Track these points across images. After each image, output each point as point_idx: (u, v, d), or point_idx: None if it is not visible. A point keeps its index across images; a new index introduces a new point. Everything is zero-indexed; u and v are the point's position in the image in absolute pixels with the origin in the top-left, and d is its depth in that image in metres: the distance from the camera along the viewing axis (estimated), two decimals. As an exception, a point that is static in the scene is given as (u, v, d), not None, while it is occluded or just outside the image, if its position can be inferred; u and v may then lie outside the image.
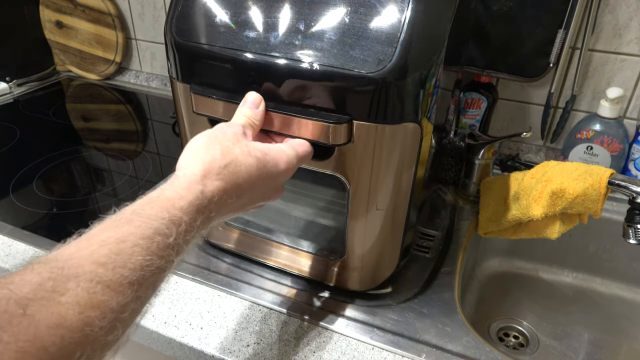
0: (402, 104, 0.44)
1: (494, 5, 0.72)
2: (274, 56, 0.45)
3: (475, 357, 0.52)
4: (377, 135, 0.45)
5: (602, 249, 0.80)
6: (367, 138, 0.45)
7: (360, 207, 0.51)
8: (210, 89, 0.49)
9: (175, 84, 0.53)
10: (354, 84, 0.43)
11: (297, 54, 0.44)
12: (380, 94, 0.43)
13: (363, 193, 0.49)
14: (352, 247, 0.55)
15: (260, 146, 0.42)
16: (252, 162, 0.40)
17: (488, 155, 0.75)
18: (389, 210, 0.51)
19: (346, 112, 0.45)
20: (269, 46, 0.45)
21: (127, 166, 0.88)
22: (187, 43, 0.48)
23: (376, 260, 0.56)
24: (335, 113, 0.45)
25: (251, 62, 0.46)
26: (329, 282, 0.59)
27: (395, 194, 0.51)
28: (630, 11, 0.75)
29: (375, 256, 0.55)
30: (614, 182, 0.59)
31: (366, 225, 0.52)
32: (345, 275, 0.58)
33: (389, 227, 0.53)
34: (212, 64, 0.48)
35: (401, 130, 0.45)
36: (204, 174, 0.38)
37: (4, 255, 0.65)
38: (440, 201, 0.79)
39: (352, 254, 0.55)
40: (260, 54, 0.45)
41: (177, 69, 0.51)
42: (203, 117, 0.52)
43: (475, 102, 0.84)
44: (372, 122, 0.44)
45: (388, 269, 0.58)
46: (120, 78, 1.26)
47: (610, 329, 0.78)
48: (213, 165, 0.38)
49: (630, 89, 0.80)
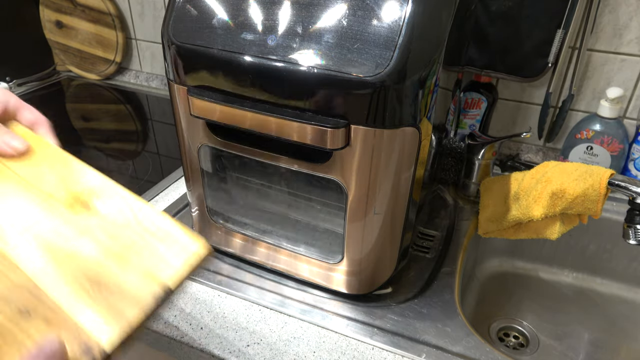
0: (401, 107, 0.44)
1: (492, 5, 0.72)
2: (271, 59, 0.45)
3: (475, 357, 0.52)
4: (375, 140, 0.45)
5: (602, 249, 0.80)
6: (365, 142, 0.45)
7: (358, 211, 0.51)
8: (208, 91, 0.49)
9: (173, 86, 0.53)
10: (352, 88, 0.43)
11: (295, 57, 0.44)
12: (378, 98, 0.42)
13: (361, 197, 0.49)
14: (350, 251, 0.55)
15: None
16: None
17: (488, 155, 0.75)
18: (387, 214, 0.51)
19: (344, 116, 0.44)
20: (266, 49, 0.45)
21: (127, 166, 0.88)
22: (184, 45, 0.48)
23: (374, 264, 0.56)
24: (332, 117, 0.45)
25: (249, 65, 0.46)
26: (327, 286, 0.59)
27: (394, 198, 0.51)
28: (630, 11, 0.75)
29: (374, 260, 0.55)
30: (614, 182, 0.59)
31: (364, 230, 0.52)
32: (343, 279, 0.58)
33: (387, 231, 0.53)
34: (209, 66, 0.48)
35: (399, 134, 0.45)
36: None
37: (4, 255, 0.65)
38: (440, 201, 0.79)
39: (350, 257, 0.55)
40: (257, 56, 0.45)
41: (175, 71, 0.51)
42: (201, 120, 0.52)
43: (475, 102, 0.84)
44: (370, 127, 0.44)
45: (386, 272, 0.58)
46: (120, 78, 1.26)
47: (610, 329, 0.78)
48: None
49: (630, 89, 0.80)
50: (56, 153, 0.48)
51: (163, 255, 0.40)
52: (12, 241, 0.41)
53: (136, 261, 0.40)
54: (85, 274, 0.39)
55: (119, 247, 0.41)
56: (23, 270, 0.39)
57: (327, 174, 0.49)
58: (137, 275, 0.39)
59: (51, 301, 0.37)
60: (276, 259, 0.61)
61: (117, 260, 0.40)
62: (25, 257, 0.40)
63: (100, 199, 0.45)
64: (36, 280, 0.39)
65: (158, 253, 0.40)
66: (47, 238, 0.41)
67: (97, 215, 0.44)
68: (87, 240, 0.42)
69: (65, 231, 0.42)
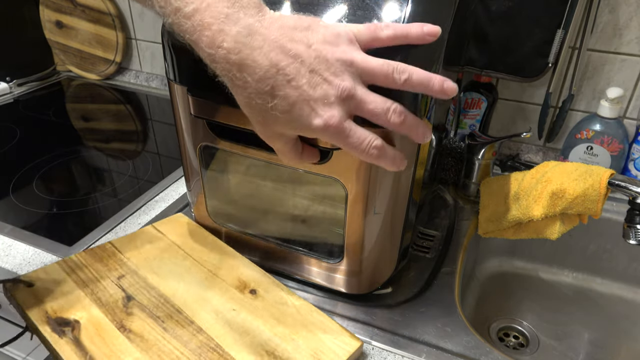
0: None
1: (492, 5, 0.72)
2: None
3: (475, 357, 0.52)
4: None
5: (602, 249, 0.80)
6: None
7: (358, 211, 0.51)
8: (209, 91, 0.49)
9: (173, 86, 0.52)
10: None
11: None
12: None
13: (361, 196, 0.49)
14: (351, 251, 0.55)
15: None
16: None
17: (488, 155, 0.75)
18: (387, 214, 0.51)
19: None
20: None
21: (127, 166, 0.88)
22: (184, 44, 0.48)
23: (374, 264, 0.56)
24: None
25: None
26: (328, 286, 0.59)
27: (394, 198, 0.51)
28: (630, 11, 0.75)
29: (374, 259, 0.55)
30: (614, 182, 0.59)
31: (364, 229, 0.52)
32: (343, 279, 0.58)
33: (388, 231, 0.54)
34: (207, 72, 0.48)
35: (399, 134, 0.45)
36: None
37: (4, 255, 0.65)
38: (440, 201, 0.79)
39: (351, 257, 0.55)
40: None
41: (175, 70, 0.51)
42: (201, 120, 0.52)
43: (475, 102, 0.84)
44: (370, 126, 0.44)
45: (387, 271, 0.58)
46: (120, 78, 1.26)
47: (610, 329, 0.78)
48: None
49: (630, 89, 0.80)
50: (223, 246, 0.62)
51: (326, 343, 0.49)
52: (197, 312, 0.52)
53: (303, 344, 0.49)
54: (262, 346, 0.49)
55: (286, 329, 0.50)
56: (207, 333, 0.50)
57: (327, 174, 0.49)
58: (305, 355, 0.48)
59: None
60: (276, 259, 0.61)
61: (287, 340, 0.49)
62: (209, 325, 0.51)
63: (262, 287, 0.56)
64: (220, 342, 0.49)
65: (322, 341, 0.49)
66: (224, 313, 0.52)
67: (263, 301, 0.54)
68: (258, 319, 0.51)
69: (239, 309, 0.53)
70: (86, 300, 0.52)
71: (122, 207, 0.74)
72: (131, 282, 0.55)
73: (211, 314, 0.52)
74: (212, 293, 0.54)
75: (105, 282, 0.55)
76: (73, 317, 0.50)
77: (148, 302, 0.52)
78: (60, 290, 0.53)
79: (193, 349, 0.48)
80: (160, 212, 0.73)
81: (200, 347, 0.48)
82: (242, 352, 0.48)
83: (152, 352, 0.47)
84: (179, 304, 0.52)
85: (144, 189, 0.79)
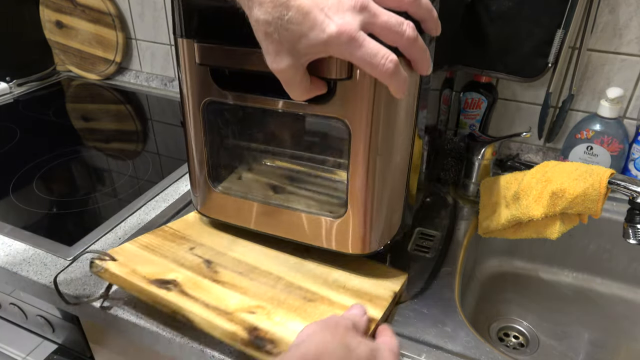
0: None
1: (492, 5, 0.72)
2: None
3: (475, 357, 0.52)
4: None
5: (602, 249, 0.80)
6: (368, 75, 0.44)
7: (360, 152, 0.50)
8: (216, 38, 0.50)
9: (180, 42, 0.53)
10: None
11: None
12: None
13: (364, 135, 0.49)
14: (355, 200, 0.53)
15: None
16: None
17: (488, 155, 0.75)
18: (390, 155, 0.51)
19: None
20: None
21: (127, 166, 0.88)
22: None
23: (378, 215, 0.55)
24: None
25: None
26: (328, 246, 0.58)
27: (397, 139, 0.51)
28: (630, 11, 0.75)
29: (379, 209, 0.54)
30: (614, 182, 0.59)
31: (368, 171, 0.51)
32: (346, 236, 0.56)
33: (392, 175, 0.53)
34: (218, 17, 0.49)
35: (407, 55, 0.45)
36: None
37: (4, 255, 0.65)
38: (440, 201, 0.79)
39: (354, 209, 0.54)
40: None
41: (182, 24, 0.52)
42: (207, 73, 0.53)
43: (475, 102, 0.84)
44: None
45: (394, 224, 0.57)
46: (120, 78, 1.26)
47: (610, 329, 0.78)
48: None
49: (630, 89, 0.80)
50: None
51: (380, 277, 0.58)
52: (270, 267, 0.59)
53: (365, 279, 0.58)
54: (335, 283, 0.57)
55: (345, 271, 0.59)
56: (287, 279, 0.57)
57: (330, 114, 0.49)
58: (371, 285, 0.57)
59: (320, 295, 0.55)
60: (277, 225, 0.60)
61: (350, 278, 0.58)
62: (284, 274, 0.58)
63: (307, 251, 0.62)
64: (301, 284, 0.56)
65: (377, 275, 0.59)
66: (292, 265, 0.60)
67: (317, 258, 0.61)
68: (320, 267, 0.60)
69: (301, 263, 0.60)
70: (173, 265, 0.57)
71: (122, 207, 0.74)
72: (203, 251, 0.61)
73: (282, 267, 0.59)
74: (274, 253, 0.61)
75: (180, 253, 0.60)
76: (170, 277, 0.55)
77: (226, 263, 0.59)
78: (146, 260, 0.58)
79: (281, 289, 0.55)
80: (160, 212, 0.73)
81: (287, 287, 0.55)
82: (322, 288, 0.55)
83: (250, 293, 0.54)
84: (253, 263, 0.59)
85: (144, 189, 0.79)
